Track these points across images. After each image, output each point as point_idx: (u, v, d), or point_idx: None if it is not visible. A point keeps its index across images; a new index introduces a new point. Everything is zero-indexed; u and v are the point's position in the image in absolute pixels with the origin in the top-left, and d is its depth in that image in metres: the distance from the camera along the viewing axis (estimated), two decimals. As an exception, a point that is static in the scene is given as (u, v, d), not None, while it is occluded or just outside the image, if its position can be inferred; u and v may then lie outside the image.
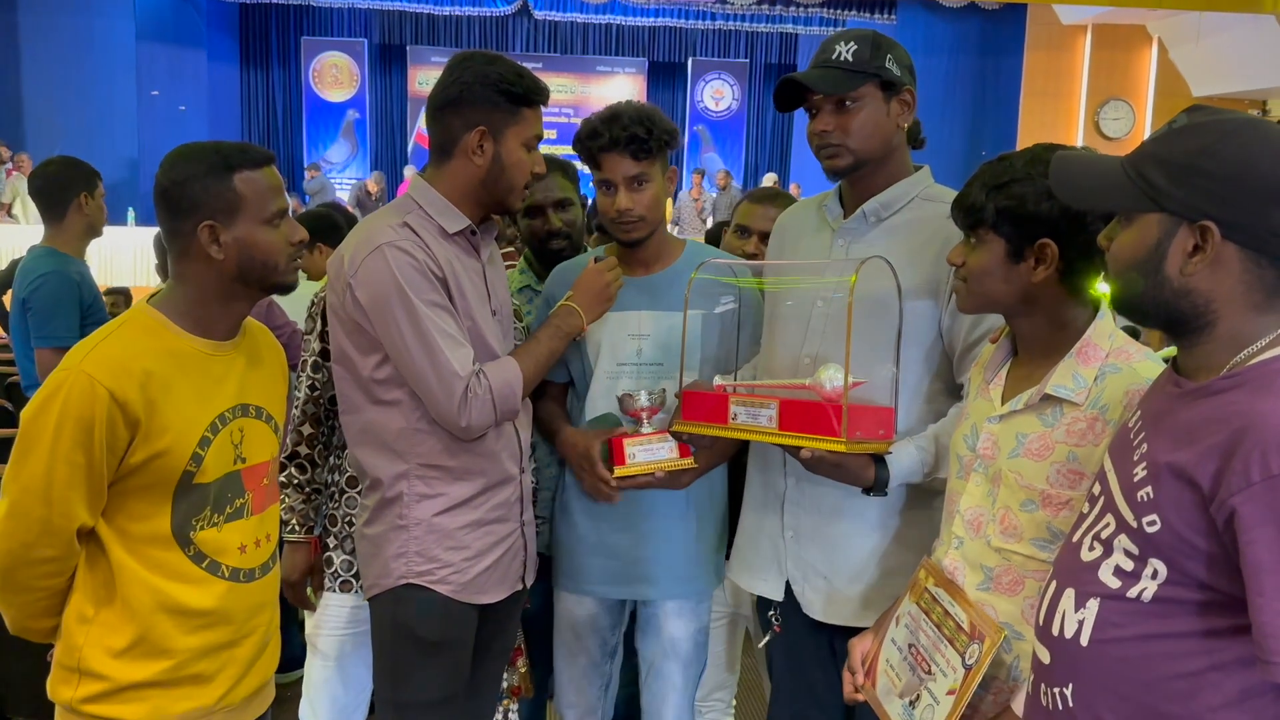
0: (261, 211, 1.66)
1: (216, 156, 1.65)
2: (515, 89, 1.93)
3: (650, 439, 2.05)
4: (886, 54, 1.89)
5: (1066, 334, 1.61)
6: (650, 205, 2.13)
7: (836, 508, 1.96)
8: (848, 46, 1.88)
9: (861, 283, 1.73)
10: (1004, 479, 1.62)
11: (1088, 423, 1.55)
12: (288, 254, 1.71)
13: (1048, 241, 1.57)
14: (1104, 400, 1.54)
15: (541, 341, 2.03)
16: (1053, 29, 13.84)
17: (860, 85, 1.87)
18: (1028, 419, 1.61)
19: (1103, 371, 1.56)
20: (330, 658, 2.43)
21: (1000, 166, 1.62)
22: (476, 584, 1.99)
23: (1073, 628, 1.31)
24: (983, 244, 1.62)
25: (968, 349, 1.88)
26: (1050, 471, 1.57)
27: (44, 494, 1.56)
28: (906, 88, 1.92)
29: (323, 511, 2.38)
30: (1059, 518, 1.57)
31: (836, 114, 1.89)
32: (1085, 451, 1.55)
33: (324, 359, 2.33)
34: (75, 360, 1.58)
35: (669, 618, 2.27)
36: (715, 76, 17.10)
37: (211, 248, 1.64)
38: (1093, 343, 1.59)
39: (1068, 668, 1.32)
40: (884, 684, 1.73)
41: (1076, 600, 1.31)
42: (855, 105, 1.88)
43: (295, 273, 1.74)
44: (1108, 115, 13.93)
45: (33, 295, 3.25)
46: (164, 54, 13.90)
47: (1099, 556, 1.30)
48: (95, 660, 1.64)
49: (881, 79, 1.88)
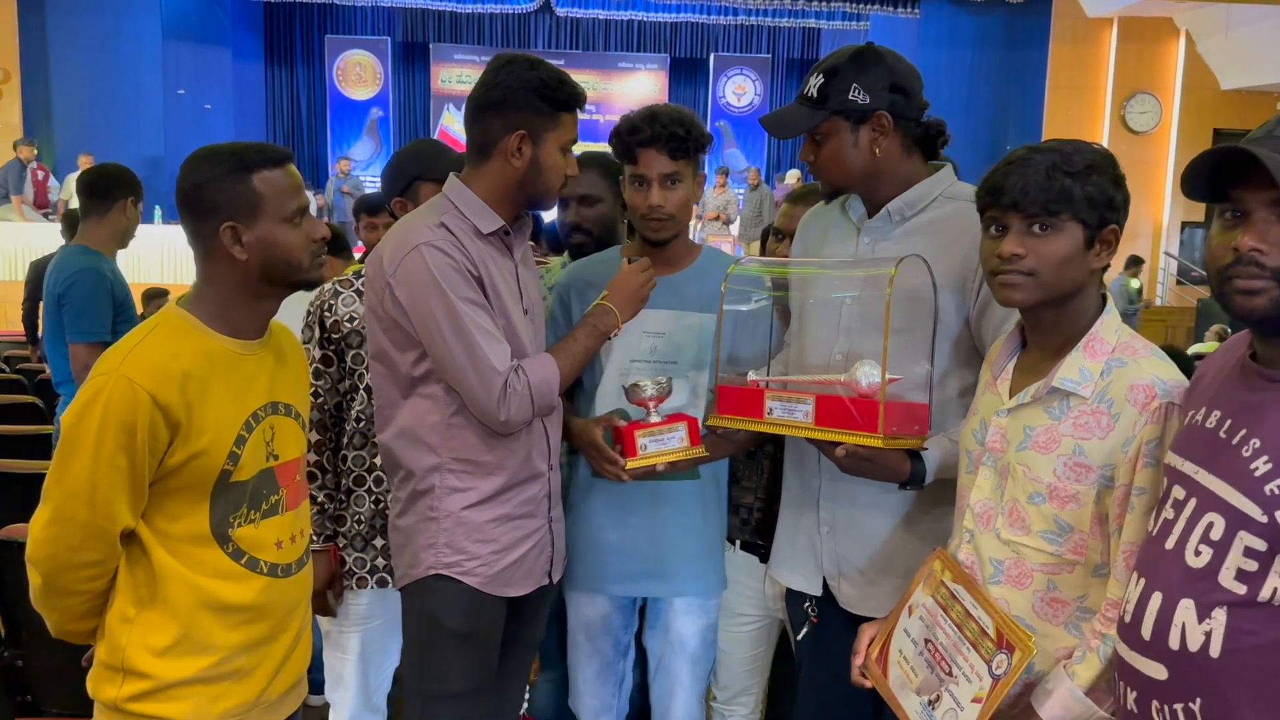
0: (281, 210, 1.67)
1: (234, 158, 1.66)
2: (556, 94, 1.96)
3: (660, 428, 2.06)
4: (852, 82, 1.87)
5: (1078, 327, 1.61)
6: (680, 205, 2.15)
7: (872, 502, 1.97)
8: (816, 80, 1.91)
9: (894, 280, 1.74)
10: (1012, 472, 1.63)
11: (1094, 416, 1.55)
12: (310, 251, 1.71)
13: (1115, 228, 1.58)
14: (1110, 394, 1.54)
15: (578, 339, 2.05)
16: (1078, 22, 13.72)
17: (820, 122, 1.90)
18: (1035, 412, 1.61)
19: (1109, 366, 1.56)
20: (350, 651, 2.46)
21: (1057, 156, 1.56)
22: (504, 577, 2.02)
23: (1198, 640, 1.26)
24: (1060, 232, 1.56)
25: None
26: (1057, 464, 1.57)
27: (88, 498, 1.57)
28: (878, 112, 1.88)
29: (327, 511, 2.40)
30: (1065, 511, 1.57)
31: (812, 145, 1.95)
32: (1091, 445, 1.55)
33: (325, 365, 2.36)
34: (114, 363, 1.59)
35: (677, 614, 2.29)
36: (737, 72, 17.08)
37: (234, 248, 1.65)
38: (1099, 336, 1.59)
39: (1195, 682, 1.27)
40: (897, 675, 1.73)
41: (1199, 611, 1.27)
42: (822, 139, 1.93)
43: (319, 269, 1.75)
44: (1134, 109, 13.80)
45: (68, 291, 3.30)
46: (190, 53, 14.02)
47: (1212, 561, 1.27)
48: (138, 659, 1.65)
49: (844, 112, 1.88)
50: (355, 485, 2.38)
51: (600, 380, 2.23)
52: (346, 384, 2.38)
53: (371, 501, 2.38)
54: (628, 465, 2.04)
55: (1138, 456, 1.52)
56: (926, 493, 1.92)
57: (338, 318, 2.36)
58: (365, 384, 2.35)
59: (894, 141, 1.92)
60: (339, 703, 2.49)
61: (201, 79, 14.25)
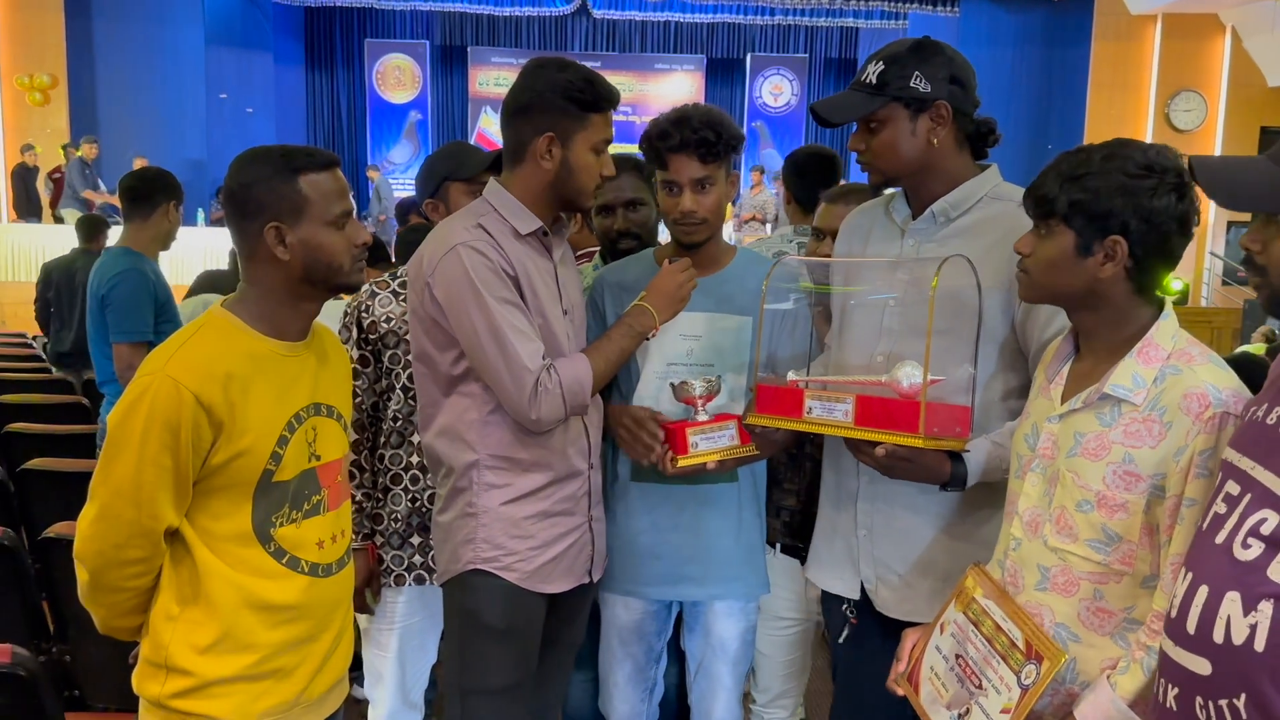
0: (326, 213, 1.68)
1: (282, 159, 1.68)
2: (584, 95, 1.97)
3: (710, 426, 2.06)
4: (914, 70, 1.87)
5: (1129, 332, 1.59)
6: (713, 208, 2.14)
7: (910, 505, 1.95)
8: (876, 67, 1.91)
9: (939, 281, 1.72)
10: (1061, 478, 1.60)
11: (1145, 424, 1.52)
12: (352, 255, 1.72)
13: (1118, 239, 1.54)
14: (1162, 402, 1.51)
15: (613, 340, 2.05)
16: (1121, 19, 13.53)
17: (879, 108, 1.89)
18: (1086, 418, 1.59)
19: (1163, 373, 1.53)
20: (388, 649, 2.48)
21: (1077, 158, 1.59)
22: (542, 573, 2.03)
23: (1243, 633, 1.24)
24: (1052, 235, 1.60)
25: (1042, 346, 1.85)
26: (1106, 472, 1.55)
27: (133, 496, 1.59)
28: (938, 101, 1.89)
29: (365, 510, 2.42)
30: (1114, 520, 1.54)
31: (866, 133, 1.93)
32: (1142, 453, 1.52)
33: (362, 365, 2.39)
34: (159, 364, 1.61)
35: (717, 618, 2.28)
36: (774, 72, 17.03)
37: (278, 249, 1.67)
38: (1155, 342, 1.56)
39: (1240, 676, 1.25)
40: (928, 692, 1.72)
41: (1245, 604, 1.25)
42: (878, 126, 1.91)
43: (360, 273, 1.76)
44: (1179, 107, 13.59)
45: (111, 292, 3.37)
46: (232, 58, 14.24)
47: (1262, 554, 1.25)
48: (181, 657, 1.67)
49: (904, 99, 1.88)
50: (392, 484, 2.40)
51: (637, 383, 2.23)
52: (383, 384, 2.41)
53: (409, 500, 2.40)
54: (678, 463, 2.04)
55: (1189, 467, 1.48)
56: (965, 496, 1.91)
57: (375, 318, 2.39)
58: (402, 384, 2.38)
59: (949, 135, 1.92)
60: (377, 699, 2.52)
61: (243, 83, 14.46)
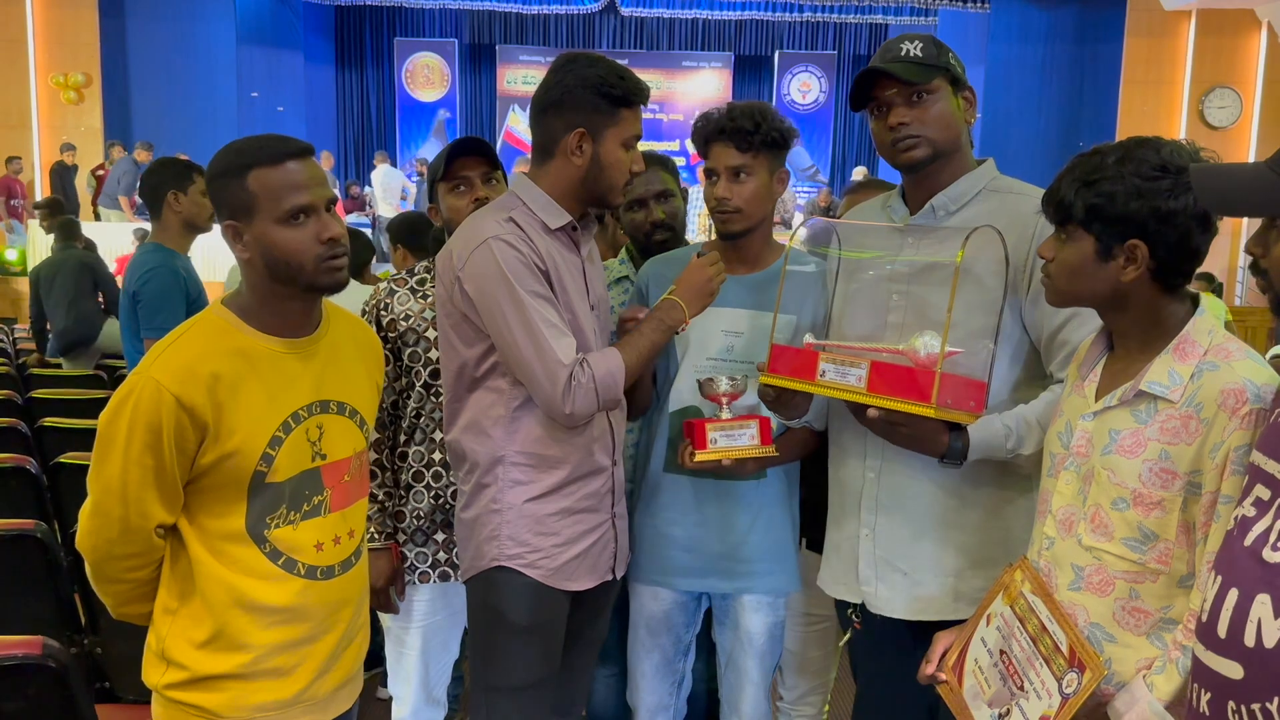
0: (275, 209, 1.61)
1: (236, 155, 1.63)
2: (614, 91, 1.96)
3: (730, 424, 2.06)
4: (948, 53, 1.94)
5: (1163, 330, 1.57)
6: (749, 199, 2.14)
7: (918, 501, 1.95)
8: (914, 45, 1.92)
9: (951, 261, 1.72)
10: (1096, 476, 1.59)
11: (1182, 421, 1.50)
12: (315, 253, 1.63)
13: (1138, 242, 1.53)
14: (1199, 398, 1.49)
15: (644, 334, 2.04)
16: (1154, 14, 13.38)
17: (933, 79, 1.90)
18: (1121, 415, 1.57)
19: (1200, 369, 1.51)
20: (411, 646, 2.49)
21: (1091, 162, 1.57)
22: (566, 570, 2.03)
23: (1274, 636, 1.22)
24: (1072, 241, 1.58)
25: (1053, 336, 1.86)
26: (1143, 470, 1.53)
27: (120, 494, 1.60)
28: (969, 87, 1.98)
29: (387, 509, 2.41)
30: (1150, 518, 1.53)
31: (911, 107, 1.91)
32: (1178, 450, 1.50)
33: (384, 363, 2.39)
34: (147, 364, 1.60)
35: (746, 612, 2.28)
36: (802, 69, 16.97)
37: (236, 247, 1.64)
38: (1191, 339, 1.54)
39: (1273, 679, 1.24)
40: (971, 685, 1.71)
41: (1276, 606, 1.23)
42: (930, 97, 1.91)
43: (331, 273, 1.66)
44: (1213, 104, 13.42)
45: (142, 288, 3.41)
46: (263, 57, 14.36)
47: None
48: (178, 651, 1.68)
49: (951, 74, 1.92)
50: (414, 481, 2.40)
51: (675, 376, 2.23)
52: (404, 381, 2.41)
53: (431, 497, 2.40)
54: (697, 457, 2.04)
55: (1225, 463, 1.46)
56: (970, 493, 1.91)
57: (394, 316, 2.39)
58: (423, 381, 2.37)
59: (972, 119, 1.97)
60: (401, 696, 2.53)
61: (274, 82, 14.58)
